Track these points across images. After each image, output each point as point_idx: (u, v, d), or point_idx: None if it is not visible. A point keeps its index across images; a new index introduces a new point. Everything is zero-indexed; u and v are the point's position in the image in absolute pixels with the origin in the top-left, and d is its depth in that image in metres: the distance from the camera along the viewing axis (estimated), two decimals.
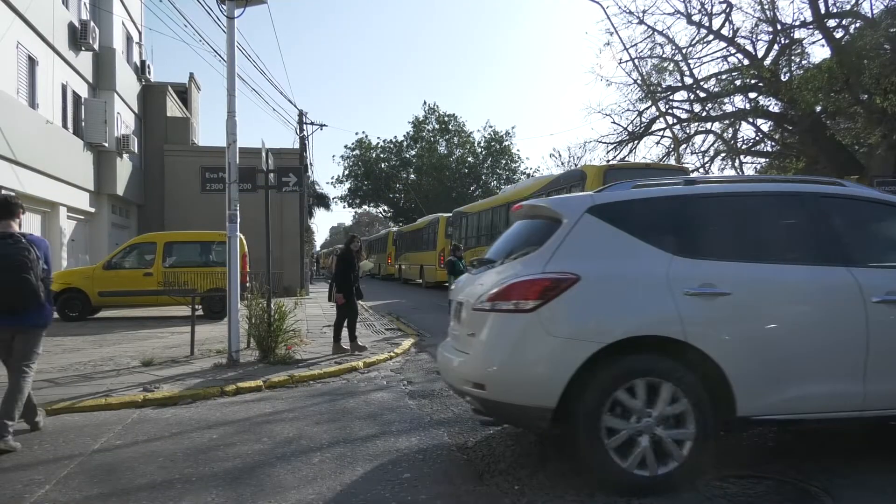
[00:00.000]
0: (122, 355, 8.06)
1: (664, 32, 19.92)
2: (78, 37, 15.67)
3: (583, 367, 3.32)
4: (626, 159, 22.91)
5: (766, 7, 16.92)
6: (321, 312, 14.40)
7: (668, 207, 3.68)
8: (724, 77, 19.13)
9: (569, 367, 3.31)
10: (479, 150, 48.67)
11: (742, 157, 21.11)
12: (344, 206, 54.28)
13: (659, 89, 20.88)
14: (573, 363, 3.31)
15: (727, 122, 20.64)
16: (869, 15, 14.86)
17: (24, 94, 13.21)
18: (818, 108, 16.09)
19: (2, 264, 4.17)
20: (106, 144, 16.82)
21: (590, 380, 3.32)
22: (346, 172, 49.84)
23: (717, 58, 19.61)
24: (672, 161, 21.85)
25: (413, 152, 49.16)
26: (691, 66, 19.70)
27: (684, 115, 21.48)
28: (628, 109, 22.79)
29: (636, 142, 23.65)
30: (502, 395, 3.45)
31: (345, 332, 8.59)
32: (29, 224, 13.98)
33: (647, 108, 22.16)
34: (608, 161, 22.85)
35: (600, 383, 3.32)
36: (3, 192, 6.29)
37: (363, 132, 57.26)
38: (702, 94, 20.16)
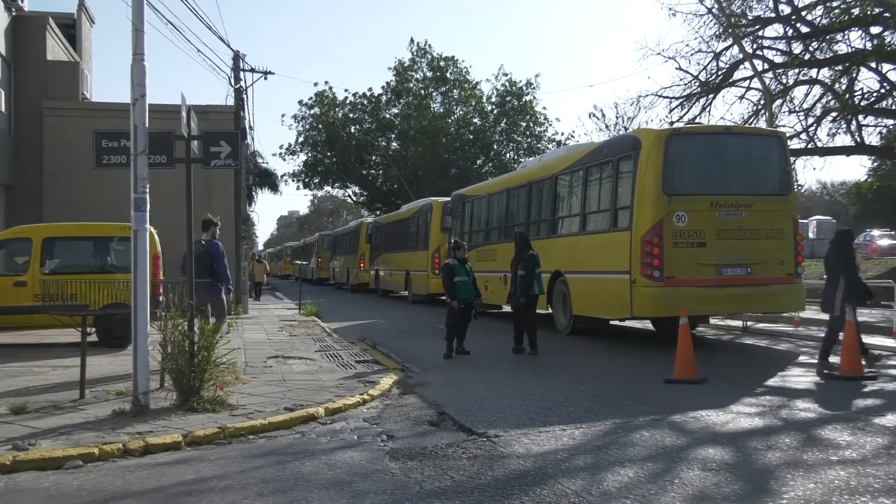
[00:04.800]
0: None
1: None
2: None
3: None
4: (698, 121, 22.93)
5: None
6: (265, 338, 14.38)
7: None
8: (835, 5, 19.18)
9: None
10: (490, 107, 48.75)
11: (861, 116, 21.15)
12: (298, 187, 54.45)
13: (743, 22, 20.95)
14: None
15: (840, 68, 20.69)
16: None
17: None
18: None
19: (196, 259, 8.94)
20: None
21: None
22: (301, 139, 49.83)
23: None
24: (762, 123, 21.87)
25: (395, 110, 49.18)
26: None
27: (779, 59, 21.56)
28: (700, 50, 22.84)
29: (711, 96, 23.69)
30: None
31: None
32: None
33: (726, 49, 22.25)
34: (671, 123, 22.88)
35: None
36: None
37: (325, 83, 57.07)
38: (804, 29, 20.24)
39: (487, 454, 6.01)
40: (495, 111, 48.35)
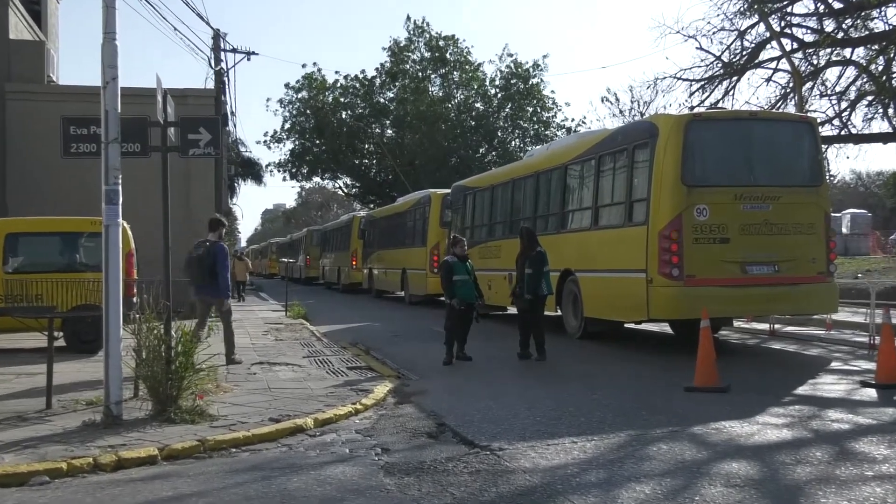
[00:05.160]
0: None
1: None
2: None
3: None
4: (721, 105, 22.93)
5: None
6: (249, 342, 14.39)
7: None
8: None
9: None
10: (494, 91, 48.75)
11: None
12: (284, 178, 54.51)
13: None
14: None
15: (876, 47, 20.67)
16: None
17: None
18: None
19: (195, 260, 11.20)
20: None
21: None
22: (288, 126, 49.84)
23: None
24: (791, 108, 21.87)
25: (390, 94, 49.16)
26: None
27: (810, 38, 21.52)
28: (723, 29, 22.83)
29: (735, 78, 23.66)
30: None
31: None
32: None
33: (752, 27, 22.22)
34: (691, 108, 22.86)
35: None
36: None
37: (314, 65, 57.20)
38: (837, 5, 20.20)
39: (491, 469, 6.02)
40: (499, 95, 48.35)
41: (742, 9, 21.50)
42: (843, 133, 22.46)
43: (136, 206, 13.74)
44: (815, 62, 22.56)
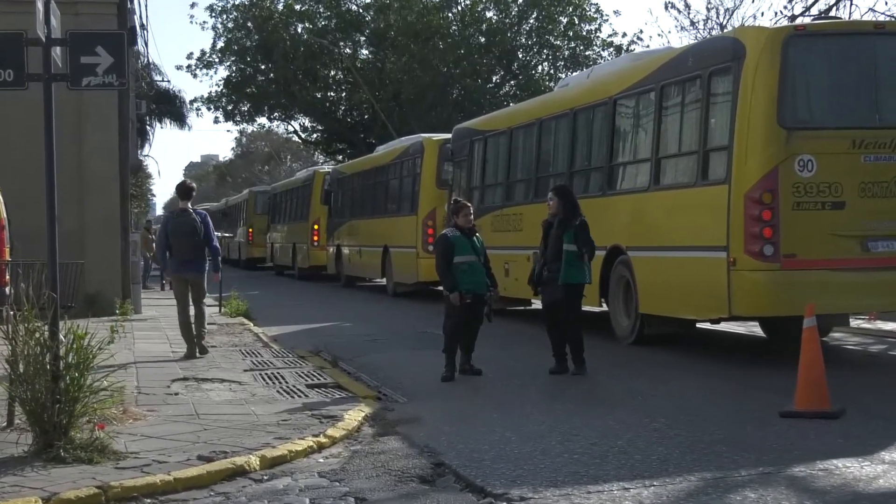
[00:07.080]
0: None
1: None
2: None
3: None
4: (834, 15, 22.82)
5: None
6: (168, 350, 14.43)
7: None
8: None
9: None
10: None
11: None
12: (216, 119, 54.13)
13: None
14: None
15: None
16: None
17: None
18: None
19: (181, 230, 13.47)
20: None
21: None
22: (222, 45, 49.64)
23: None
24: None
25: (366, 0, 48.83)
26: None
27: None
28: None
29: None
30: None
31: None
32: None
33: None
34: (792, 18, 22.76)
35: None
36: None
37: None
38: None
39: None
40: (521, 1, 48.09)
41: None
42: None
43: (9, 159, 13.72)
44: None
